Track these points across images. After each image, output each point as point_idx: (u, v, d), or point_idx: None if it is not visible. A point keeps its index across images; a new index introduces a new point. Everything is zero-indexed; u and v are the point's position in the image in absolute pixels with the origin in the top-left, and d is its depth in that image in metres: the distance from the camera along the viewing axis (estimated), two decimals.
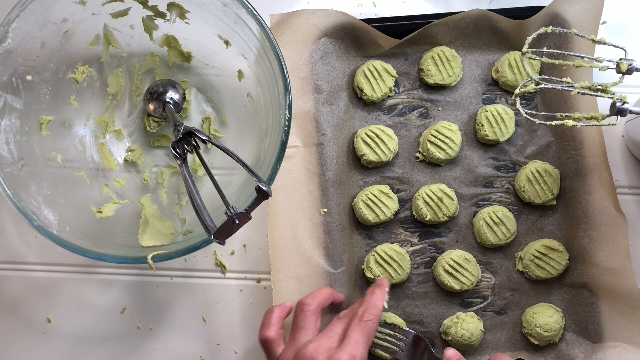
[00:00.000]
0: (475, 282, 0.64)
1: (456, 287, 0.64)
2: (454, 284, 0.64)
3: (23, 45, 0.56)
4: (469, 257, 0.65)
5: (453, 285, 0.64)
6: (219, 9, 0.58)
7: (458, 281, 0.64)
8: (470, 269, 0.64)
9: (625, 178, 0.69)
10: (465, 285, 0.64)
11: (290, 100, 0.54)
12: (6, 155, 0.55)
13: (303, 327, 0.58)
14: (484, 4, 0.71)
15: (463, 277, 0.64)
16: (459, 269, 0.64)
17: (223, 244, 0.52)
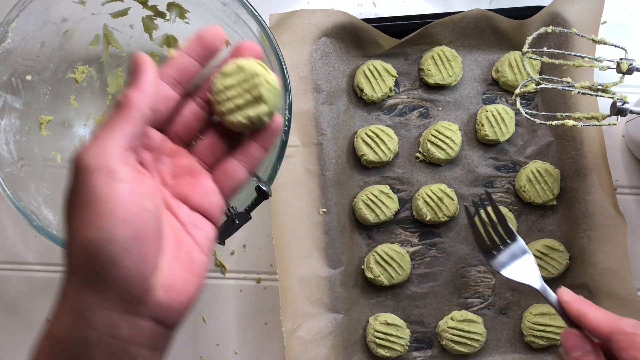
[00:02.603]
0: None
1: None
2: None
3: (23, 45, 0.56)
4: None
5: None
6: (218, 8, 0.58)
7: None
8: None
9: (625, 178, 0.69)
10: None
11: (290, 100, 0.54)
12: (6, 155, 0.55)
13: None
14: (484, 3, 0.71)
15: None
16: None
17: (223, 244, 0.51)
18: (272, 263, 0.68)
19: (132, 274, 0.34)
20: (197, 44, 0.40)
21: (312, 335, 0.63)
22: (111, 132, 0.35)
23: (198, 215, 0.40)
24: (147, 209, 0.35)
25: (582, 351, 0.47)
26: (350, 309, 0.64)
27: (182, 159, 0.41)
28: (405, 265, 0.64)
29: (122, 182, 0.34)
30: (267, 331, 0.67)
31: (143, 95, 0.37)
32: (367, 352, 0.65)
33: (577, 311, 0.48)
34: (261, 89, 0.39)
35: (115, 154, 0.35)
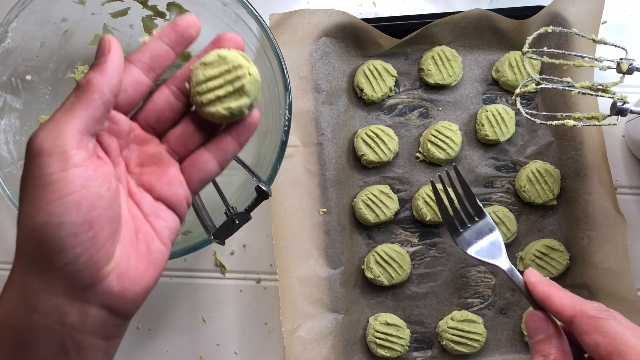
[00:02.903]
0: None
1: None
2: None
3: (22, 45, 0.56)
4: None
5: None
6: (218, 8, 0.58)
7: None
8: None
9: (625, 178, 0.69)
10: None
11: (290, 100, 0.54)
12: (5, 155, 0.55)
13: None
14: (484, 3, 0.71)
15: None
16: None
17: (223, 244, 0.51)
18: (272, 263, 0.68)
19: (82, 260, 0.33)
20: (171, 31, 0.40)
21: (312, 336, 0.63)
22: (69, 115, 0.34)
23: (161, 205, 0.39)
24: (101, 195, 0.34)
25: (545, 334, 0.46)
26: (350, 309, 0.64)
27: (150, 147, 0.40)
28: (406, 265, 0.64)
29: (75, 166, 0.33)
30: (267, 331, 0.67)
31: (106, 78, 0.35)
32: (367, 352, 0.65)
33: (541, 293, 0.47)
34: (244, 80, 0.38)
35: (71, 138, 0.34)
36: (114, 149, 0.38)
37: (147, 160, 0.40)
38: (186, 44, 0.40)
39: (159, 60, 0.39)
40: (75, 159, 0.34)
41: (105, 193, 0.34)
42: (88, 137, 0.35)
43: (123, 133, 0.39)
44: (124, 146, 0.39)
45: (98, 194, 0.34)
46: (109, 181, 0.35)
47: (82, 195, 0.33)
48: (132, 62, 0.38)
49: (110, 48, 0.36)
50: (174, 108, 0.41)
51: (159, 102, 0.40)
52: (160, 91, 0.41)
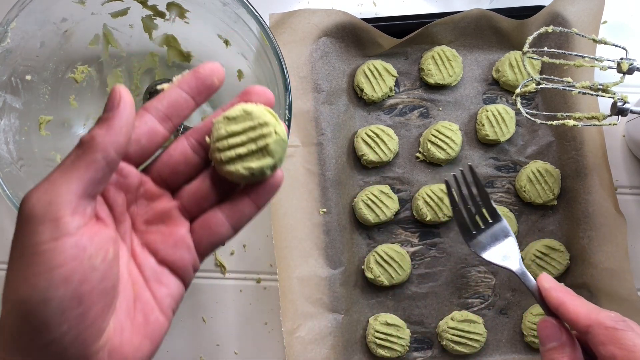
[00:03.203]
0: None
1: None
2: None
3: (22, 45, 0.56)
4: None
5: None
6: (218, 8, 0.58)
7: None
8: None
9: (626, 178, 0.69)
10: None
11: (290, 99, 0.54)
12: (5, 155, 0.55)
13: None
14: (485, 3, 0.71)
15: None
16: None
17: (223, 244, 0.51)
18: (272, 263, 0.68)
19: (69, 338, 0.30)
20: (192, 79, 0.36)
21: (312, 336, 0.62)
22: (67, 175, 0.31)
23: (165, 270, 0.36)
24: (94, 267, 0.31)
25: (558, 342, 0.45)
26: (350, 309, 0.64)
27: (160, 204, 0.37)
28: (406, 265, 0.64)
29: (68, 235, 0.30)
30: (267, 331, 0.67)
31: (112, 136, 0.32)
32: (367, 353, 0.65)
33: (556, 299, 0.46)
34: (269, 139, 0.35)
35: (66, 203, 0.30)
36: (119, 204, 0.35)
37: (155, 218, 0.37)
38: (208, 92, 0.37)
39: (177, 109, 0.36)
40: (69, 227, 0.30)
41: (99, 264, 0.31)
42: (87, 200, 0.32)
43: (132, 187, 0.36)
44: (131, 201, 0.36)
45: (91, 266, 0.31)
46: (105, 250, 0.32)
47: (73, 268, 0.30)
48: (148, 110, 0.36)
49: (120, 101, 0.33)
50: (190, 162, 0.37)
51: (174, 155, 0.37)
52: (177, 143, 0.37)
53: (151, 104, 0.36)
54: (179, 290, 0.37)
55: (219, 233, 0.37)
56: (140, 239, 0.36)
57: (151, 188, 0.37)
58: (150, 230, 0.36)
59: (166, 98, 0.36)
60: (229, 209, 0.37)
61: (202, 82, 0.37)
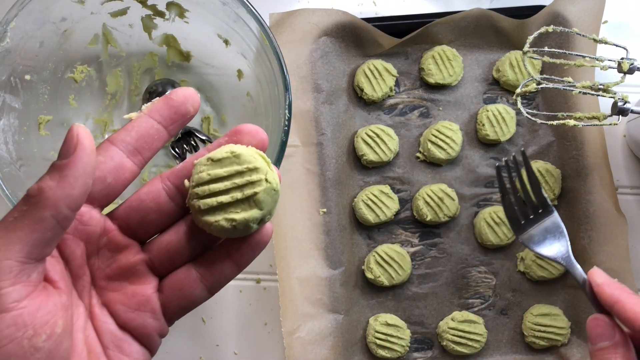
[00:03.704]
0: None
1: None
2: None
3: (22, 45, 0.56)
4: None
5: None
6: (218, 7, 0.57)
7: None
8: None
9: (626, 178, 0.69)
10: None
11: (290, 99, 0.54)
12: (4, 155, 0.55)
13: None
14: (485, 3, 0.71)
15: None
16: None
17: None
18: (272, 263, 0.67)
19: None
20: (164, 106, 0.31)
21: (312, 336, 0.62)
22: (9, 237, 0.26)
23: (127, 336, 0.32)
24: (37, 348, 0.26)
25: (610, 341, 0.42)
26: (350, 310, 0.64)
27: (125, 256, 0.32)
28: (406, 265, 0.64)
29: (6, 311, 0.26)
30: (267, 331, 0.67)
31: (64, 188, 0.27)
32: (368, 353, 0.65)
33: (610, 297, 0.43)
34: (258, 188, 0.30)
35: (6, 271, 0.26)
36: (77, 257, 0.30)
37: (119, 274, 0.32)
38: (182, 121, 0.32)
39: (148, 141, 0.31)
40: (8, 300, 0.26)
41: (43, 343, 0.27)
42: (32, 264, 0.27)
43: (93, 236, 0.31)
44: (92, 252, 0.31)
45: (33, 347, 0.26)
46: (52, 323, 0.27)
47: (9, 350, 0.26)
48: (114, 144, 0.31)
49: (77, 145, 0.27)
50: (164, 210, 0.32)
51: (145, 200, 0.32)
52: (150, 185, 0.32)
53: (118, 137, 0.31)
54: (143, 358, 0.32)
55: (191, 295, 0.33)
56: (100, 297, 0.32)
57: (116, 237, 0.32)
58: (112, 287, 0.32)
59: (135, 129, 0.31)
60: (204, 268, 0.33)
61: (175, 111, 0.31)
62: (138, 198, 0.32)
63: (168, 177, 0.32)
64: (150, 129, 0.31)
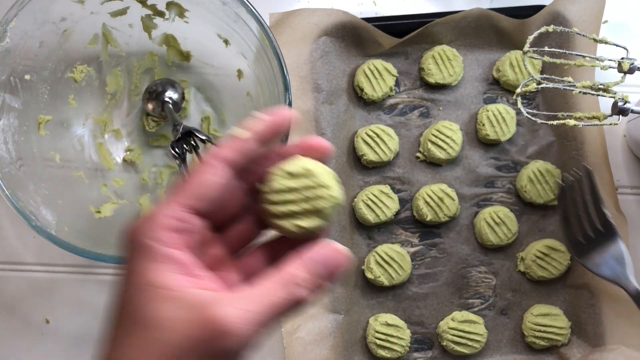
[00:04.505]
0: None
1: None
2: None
3: (21, 45, 0.56)
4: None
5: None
6: (218, 7, 0.57)
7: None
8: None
9: (626, 178, 0.69)
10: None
11: (290, 99, 0.54)
12: (4, 155, 0.55)
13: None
14: (485, 3, 0.71)
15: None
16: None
17: None
18: None
19: None
20: (270, 131, 0.34)
21: (312, 336, 0.62)
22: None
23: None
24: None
25: None
26: (350, 310, 0.64)
27: (214, 249, 0.35)
28: (406, 265, 0.64)
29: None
30: None
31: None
32: (368, 353, 0.64)
33: None
34: (325, 203, 0.34)
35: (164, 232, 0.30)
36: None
37: (209, 266, 0.33)
38: (273, 141, 0.35)
39: (242, 156, 0.34)
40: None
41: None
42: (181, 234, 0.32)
43: (195, 237, 0.33)
44: (195, 251, 0.33)
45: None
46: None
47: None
48: (226, 163, 0.34)
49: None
50: (239, 204, 0.35)
51: (226, 198, 0.34)
52: (227, 181, 0.34)
53: (221, 154, 0.33)
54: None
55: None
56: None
57: (207, 233, 0.34)
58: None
59: (241, 150, 0.34)
60: (271, 255, 0.35)
61: (277, 133, 0.35)
62: (220, 195, 0.33)
63: (245, 177, 0.35)
64: (248, 149, 0.34)
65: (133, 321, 0.30)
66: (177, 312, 0.29)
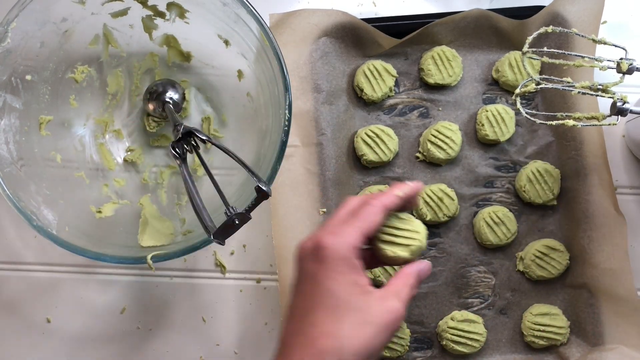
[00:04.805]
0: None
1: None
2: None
3: (22, 45, 0.56)
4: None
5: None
6: (218, 8, 0.58)
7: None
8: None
9: (625, 178, 0.69)
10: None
11: (290, 99, 0.54)
12: (5, 155, 0.55)
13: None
14: (485, 3, 0.71)
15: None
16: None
17: (223, 244, 0.51)
18: (272, 263, 0.68)
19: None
20: (410, 196, 0.50)
21: None
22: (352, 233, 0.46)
23: None
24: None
25: None
26: None
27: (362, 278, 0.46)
28: None
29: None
30: (267, 331, 0.67)
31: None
32: None
33: None
34: (416, 243, 0.49)
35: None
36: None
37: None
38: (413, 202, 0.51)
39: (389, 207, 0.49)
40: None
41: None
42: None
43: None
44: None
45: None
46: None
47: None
48: (387, 209, 0.48)
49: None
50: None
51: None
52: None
53: (386, 204, 0.48)
54: None
55: None
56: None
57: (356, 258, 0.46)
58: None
59: (395, 202, 0.49)
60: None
61: (414, 198, 0.50)
62: (371, 231, 0.47)
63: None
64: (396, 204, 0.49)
65: (345, 307, 0.43)
66: (375, 302, 0.44)
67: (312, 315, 0.44)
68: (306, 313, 0.44)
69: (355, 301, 0.43)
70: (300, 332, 0.44)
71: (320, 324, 0.43)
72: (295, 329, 0.45)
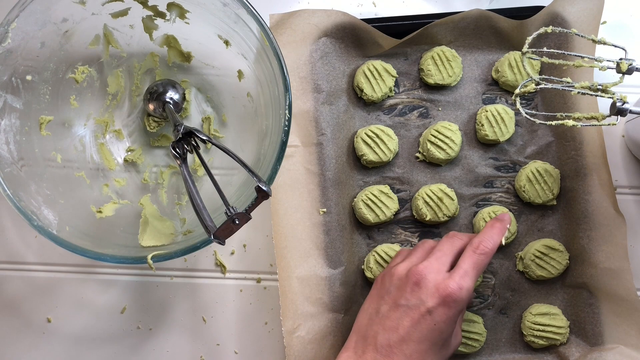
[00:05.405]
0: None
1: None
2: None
3: (23, 45, 0.56)
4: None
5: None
6: (218, 8, 0.58)
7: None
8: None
9: (625, 178, 0.69)
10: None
11: (290, 100, 0.54)
12: (6, 155, 0.55)
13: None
14: (484, 3, 0.71)
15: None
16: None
17: (223, 244, 0.51)
18: (272, 263, 0.68)
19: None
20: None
21: (312, 335, 0.63)
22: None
23: None
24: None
25: None
26: (350, 309, 0.65)
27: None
28: None
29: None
30: (267, 331, 0.67)
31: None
32: None
33: None
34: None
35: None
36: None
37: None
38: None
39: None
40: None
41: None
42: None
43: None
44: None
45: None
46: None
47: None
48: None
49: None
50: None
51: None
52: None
53: (487, 251, 0.56)
54: None
55: None
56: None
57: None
58: None
59: (493, 252, 0.56)
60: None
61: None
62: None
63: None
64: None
65: (444, 342, 0.54)
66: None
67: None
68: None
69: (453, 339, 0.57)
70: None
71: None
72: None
